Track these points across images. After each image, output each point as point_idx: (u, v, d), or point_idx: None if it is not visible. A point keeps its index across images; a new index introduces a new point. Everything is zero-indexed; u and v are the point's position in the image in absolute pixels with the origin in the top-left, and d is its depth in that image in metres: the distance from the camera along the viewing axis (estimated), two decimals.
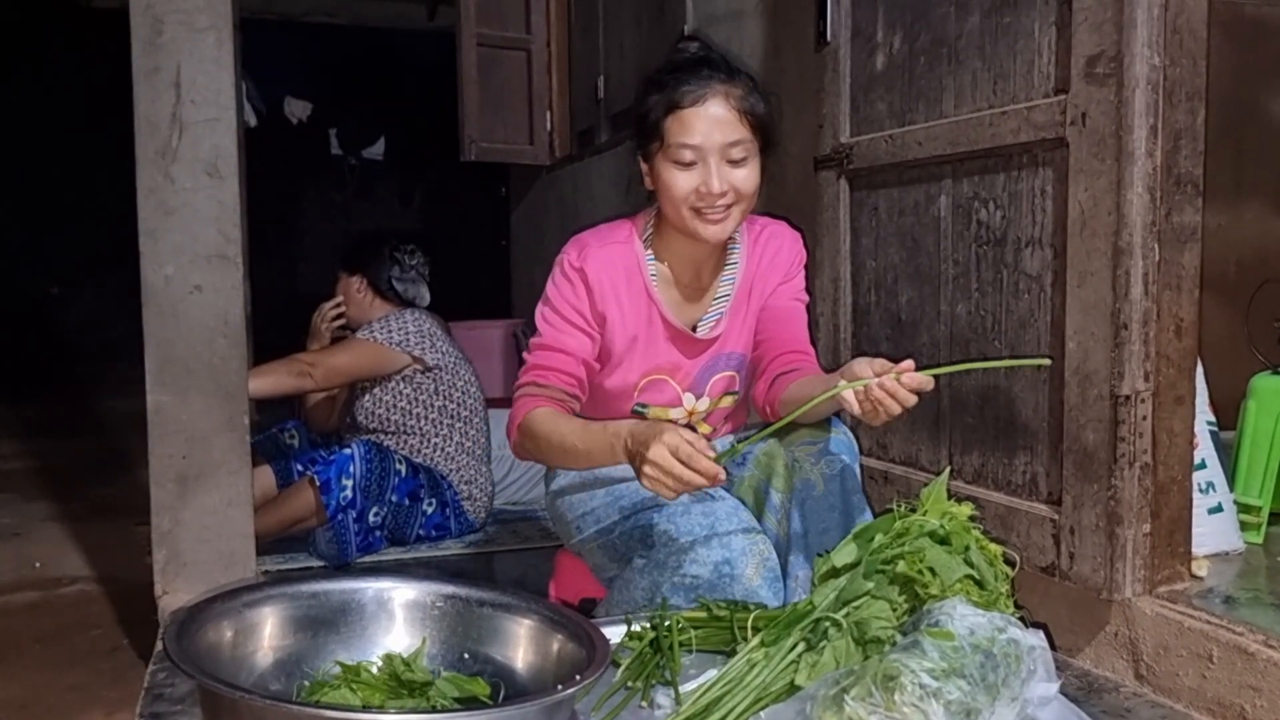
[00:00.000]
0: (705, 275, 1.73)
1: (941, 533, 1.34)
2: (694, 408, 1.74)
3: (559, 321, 1.67)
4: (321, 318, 2.89)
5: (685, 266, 1.71)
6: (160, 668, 1.71)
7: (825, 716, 1.15)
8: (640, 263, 1.70)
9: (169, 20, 1.85)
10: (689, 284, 1.73)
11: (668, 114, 1.57)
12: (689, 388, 1.73)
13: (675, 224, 1.64)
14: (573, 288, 1.66)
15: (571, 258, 1.68)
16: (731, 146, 1.56)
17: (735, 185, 1.58)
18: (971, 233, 1.94)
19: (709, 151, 1.56)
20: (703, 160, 1.56)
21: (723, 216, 1.59)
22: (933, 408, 2.05)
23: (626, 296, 1.67)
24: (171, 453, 1.87)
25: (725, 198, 1.57)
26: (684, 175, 1.57)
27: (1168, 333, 1.64)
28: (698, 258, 1.70)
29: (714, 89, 1.56)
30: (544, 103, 5.08)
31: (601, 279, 1.66)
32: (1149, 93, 1.58)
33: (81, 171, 6.64)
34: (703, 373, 1.73)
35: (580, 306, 1.66)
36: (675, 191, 1.58)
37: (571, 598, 1.85)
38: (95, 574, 2.51)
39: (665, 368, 1.71)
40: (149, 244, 1.85)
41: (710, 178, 1.56)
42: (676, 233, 1.66)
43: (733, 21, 2.99)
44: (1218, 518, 1.86)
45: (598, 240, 1.70)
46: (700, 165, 1.57)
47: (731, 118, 1.56)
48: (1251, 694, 1.45)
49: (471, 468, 2.77)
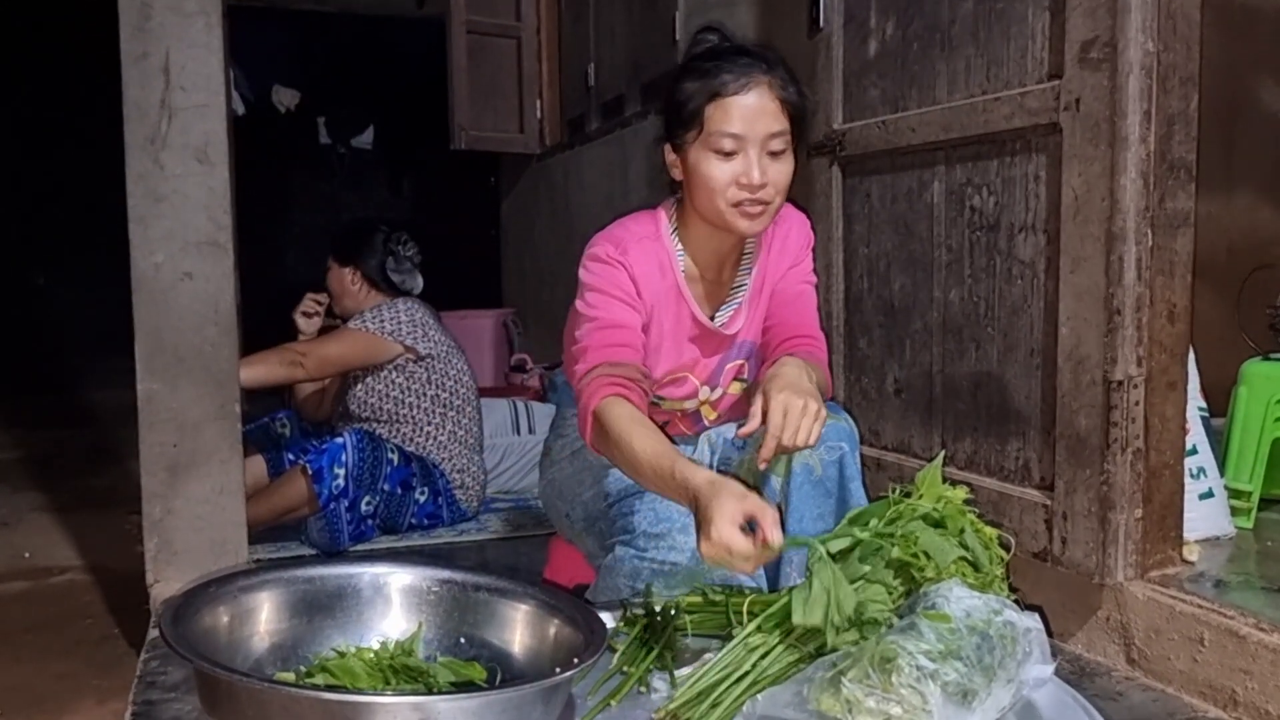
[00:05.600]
0: (727, 269, 1.70)
1: (936, 516, 1.34)
2: (707, 398, 1.74)
3: (609, 301, 1.58)
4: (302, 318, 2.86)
5: (710, 260, 1.67)
6: (153, 655, 1.70)
7: (822, 699, 1.15)
8: (672, 259, 1.65)
9: (157, 5, 1.83)
10: (712, 278, 1.69)
11: (709, 101, 1.52)
12: (706, 380, 1.72)
13: (708, 216, 1.59)
14: (616, 273, 1.59)
15: (609, 249, 1.61)
16: (773, 138, 1.53)
17: (773, 178, 1.54)
18: (965, 219, 1.94)
19: (750, 142, 1.52)
20: (743, 151, 1.52)
21: (760, 211, 1.55)
22: (925, 394, 2.05)
23: (660, 294, 1.63)
24: (162, 441, 1.86)
25: (764, 191, 1.53)
26: (724, 165, 1.53)
27: (1160, 318, 1.64)
28: (722, 251, 1.66)
29: (757, 78, 1.52)
30: (534, 91, 5.07)
31: (642, 273, 1.60)
32: (1142, 78, 1.59)
33: (67, 158, 6.59)
34: (719, 364, 1.72)
35: (627, 288, 1.59)
36: (714, 182, 1.53)
37: (565, 584, 1.85)
38: (86, 563, 2.50)
39: (688, 364, 1.69)
40: (139, 231, 1.84)
41: (751, 168, 1.52)
42: (704, 225, 1.62)
43: (724, 8, 2.98)
44: (1209, 503, 1.87)
45: (629, 236, 1.63)
46: (741, 156, 1.52)
47: (774, 108, 1.53)
48: (1242, 677, 1.46)
49: (464, 456, 2.76)
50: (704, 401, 1.74)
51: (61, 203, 6.73)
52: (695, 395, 1.72)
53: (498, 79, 4.99)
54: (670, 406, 1.72)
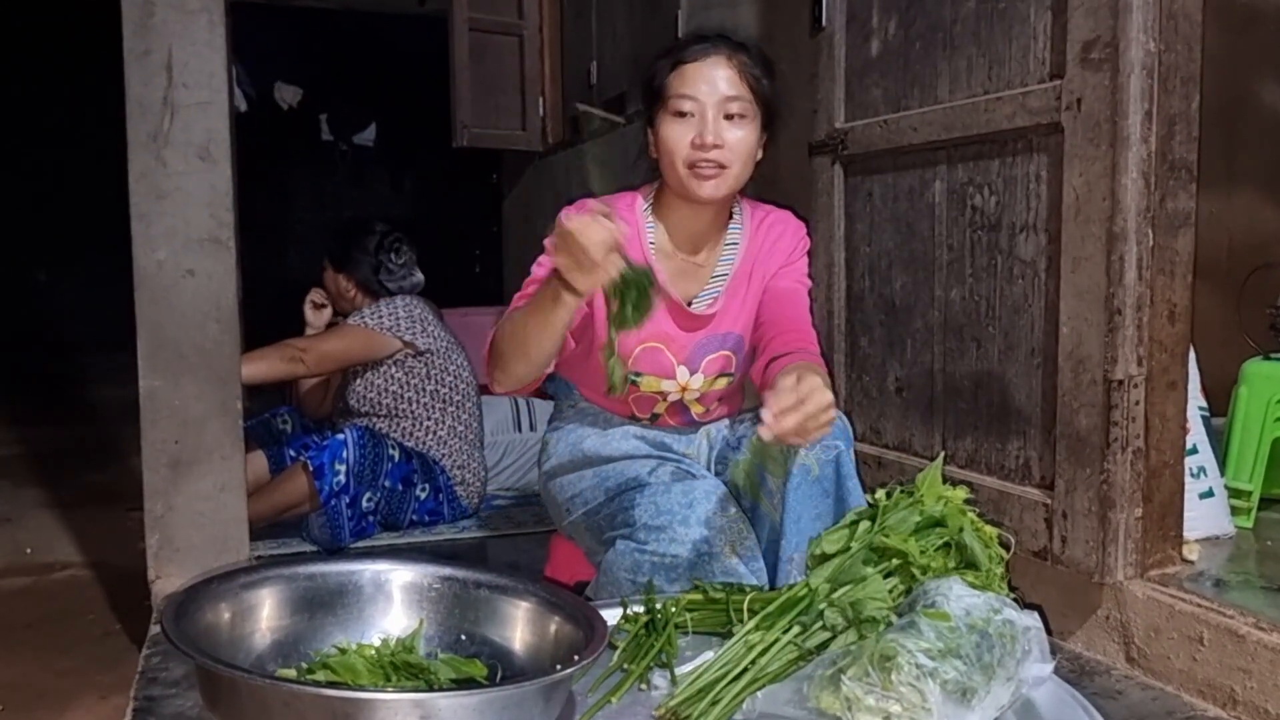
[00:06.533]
0: (704, 250, 1.74)
1: (937, 515, 1.35)
2: (687, 383, 1.74)
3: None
4: (311, 308, 2.88)
5: (684, 237, 1.73)
6: (154, 651, 1.71)
7: (822, 696, 1.16)
8: (640, 229, 1.71)
9: (160, 2, 1.83)
10: (687, 256, 1.74)
11: (671, 70, 1.62)
12: (683, 361, 1.73)
13: (672, 183, 1.66)
14: None
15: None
16: (729, 101, 1.59)
17: (730, 142, 1.60)
18: (966, 218, 1.94)
19: (707, 104, 1.59)
20: (700, 113, 1.59)
21: (715, 174, 1.61)
22: (926, 393, 2.05)
23: None
24: (164, 438, 1.86)
25: (719, 152, 1.59)
26: (680, 126, 1.60)
27: (1161, 318, 1.64)
28: (696, 228, 1.71)
29: (719, 50, 1.62)
30: (536, 88, 5.06)
31: None
32: (1144, 78, 1.59)
33: (70, 155, 6.59)
34: (697, 348, 1.74)
35: None
36: (671, 143, 1.61)
37: (566, 581, 1.85)
38: (87, 559, 2.50)
39: (658, 336, 1.71)
40: (141, 228, 1.84)
41: (705, 129, 1.59)
42: (677, 200, 1.68)
43: (727, 7, 2.98)
44: (1209, 502, 1.87)
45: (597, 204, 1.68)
46: (697, 118, 1.60)
47: (732, 76, 1.60)
48: (1242, 676, 1.47)
49: (464, 453, 2.77)
50: (684, 386, 1.74)
51: (64, 199, 6.74)
52: (673, 375, 1.73)
53: (500, 76, 4.99)
54: (649, 387, 1.73)
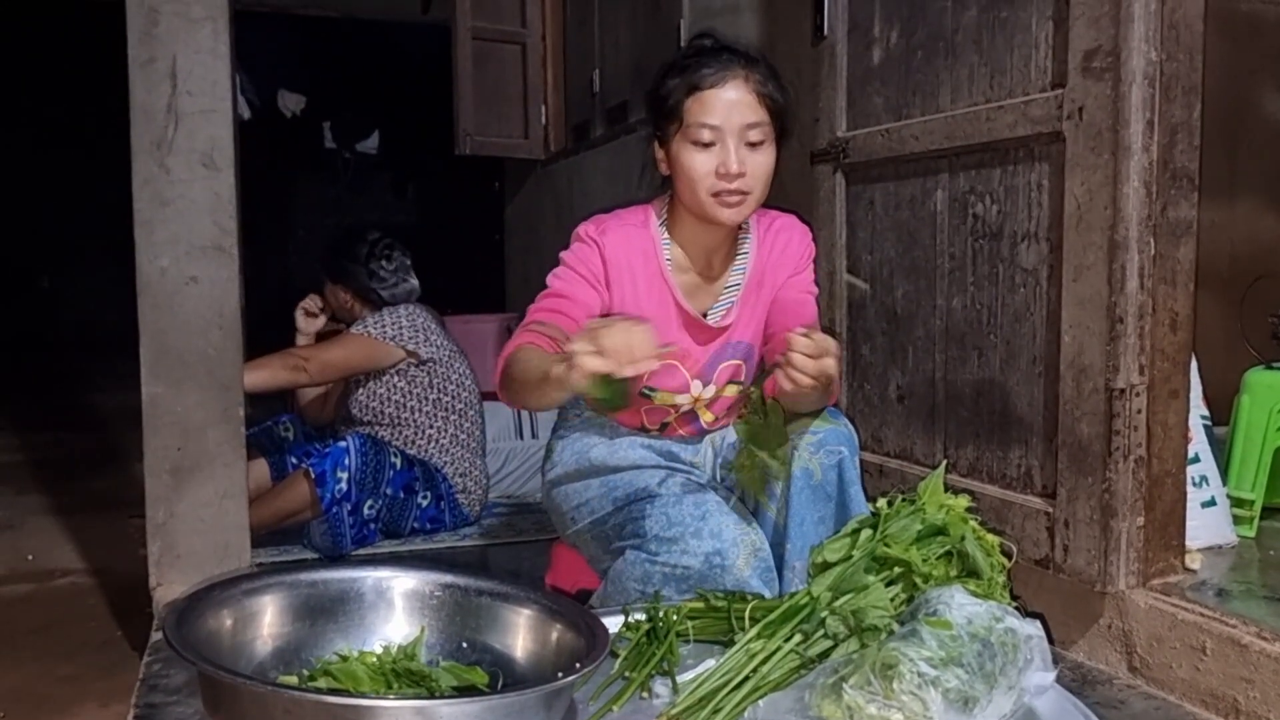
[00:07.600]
0: (717, 263, 1.74)
1: (938, 523, 1.35)
2: (700, 394, 1.75)
3: (571, 275, 1.67)
4: (303, 315, 2.88)
5: (698, 253, 1.72)
6: (155, 659, 1.70)
7: (824, 705, 1.15)
8: (656, 246, 1.70)
9: (165, 10, 1.84)
10: (701, 271, 1.74)
11: (688, 95, 1.60)
12: (697, 375, 1.74)
13: (691, 208, 1.65)
14: (589, 250, 1.67)
15: (590, 229, 1.69)
16: (750, 129, 1.58)
17: (752, 168, 1.59)
18: (967, 227, 1.94)
19: (728, 132, 1.58)
20: (721, 141, 1.58)
21: (739, 200, 1.61)
22: (928, 401, 2.05)
23: (642, 278, 1.68)
24: (166, 444, 1.86)
25: (742, 180, 1.59)
26: (702, 156, 1.59)
27: (1163, 327, 1.64)
28: (710, 244, 1.71)
29: (734, 71, 1.59)
30: (539, 96, 5.07)
31: (618, 255, 1.67)
32: (1145, 87, 1.59)
33: (73, 162, 6.61)
34: (712, 360, 1.74)
35: (594, 268, 1.66)
36: (694, 173, 1.60)
37: (568, 589, 1.85)
38: (89, 566, 2.50)
39: (675, 354, 1.71)
40: (144, 235, 1.84)
41: (729, 158, 1.57)
42: (691, 218, 1.68)
43: (729, 15, 2.99)
44: (1211, 511, 1.87)
45: (616, 221, 1.71)
46: (719, 146, 1.59)
47: (750, 100, 1.59)
48: (1244, 685, 1.46)
49: (466, 460, 2.77)
50: (698, 399, 1.75)
51: (67, 206, 6.76)
52: (687, 389, 1.74)
53: (502, 85, 5.00)
54: (662, 400, 1.73)
